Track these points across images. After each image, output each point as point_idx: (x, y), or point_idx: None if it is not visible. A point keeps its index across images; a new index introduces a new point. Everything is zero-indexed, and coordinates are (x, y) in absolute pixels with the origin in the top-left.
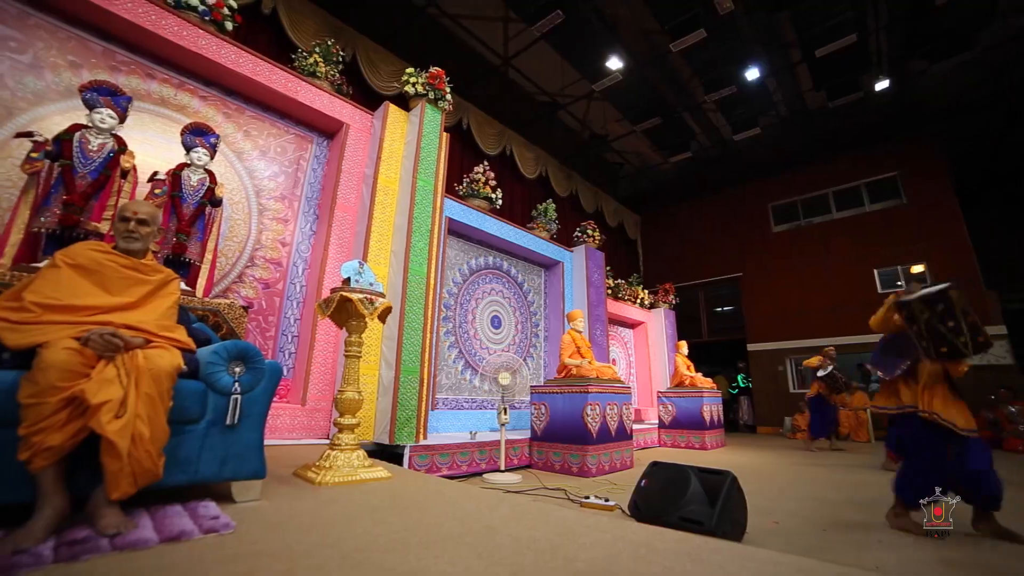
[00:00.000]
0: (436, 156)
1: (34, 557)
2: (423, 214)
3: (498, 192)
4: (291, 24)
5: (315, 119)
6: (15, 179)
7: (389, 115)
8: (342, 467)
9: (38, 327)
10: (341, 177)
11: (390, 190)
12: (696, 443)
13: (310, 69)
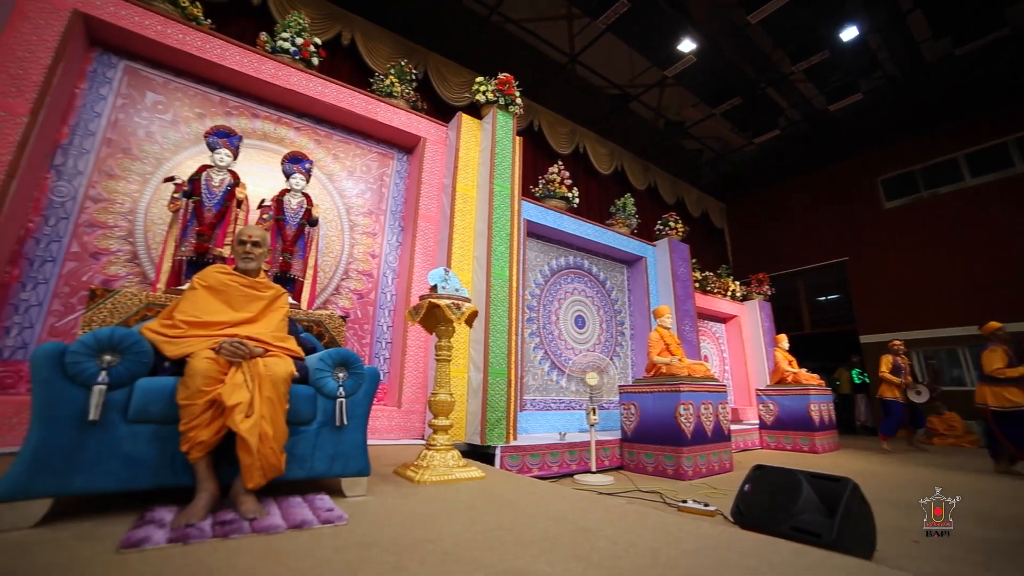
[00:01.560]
0: (510, 160)
1: (199, 531)
2: (502, 218)
3: (574, 191)
4: (367, 51)
5: (394, 136)
6: (165, 217)
7: (462, 125)
8: (438, 467)
9: (186, 340)
10: (421, 189)
11: (469, 197)
12: (804, 445)
13: (387, 90)
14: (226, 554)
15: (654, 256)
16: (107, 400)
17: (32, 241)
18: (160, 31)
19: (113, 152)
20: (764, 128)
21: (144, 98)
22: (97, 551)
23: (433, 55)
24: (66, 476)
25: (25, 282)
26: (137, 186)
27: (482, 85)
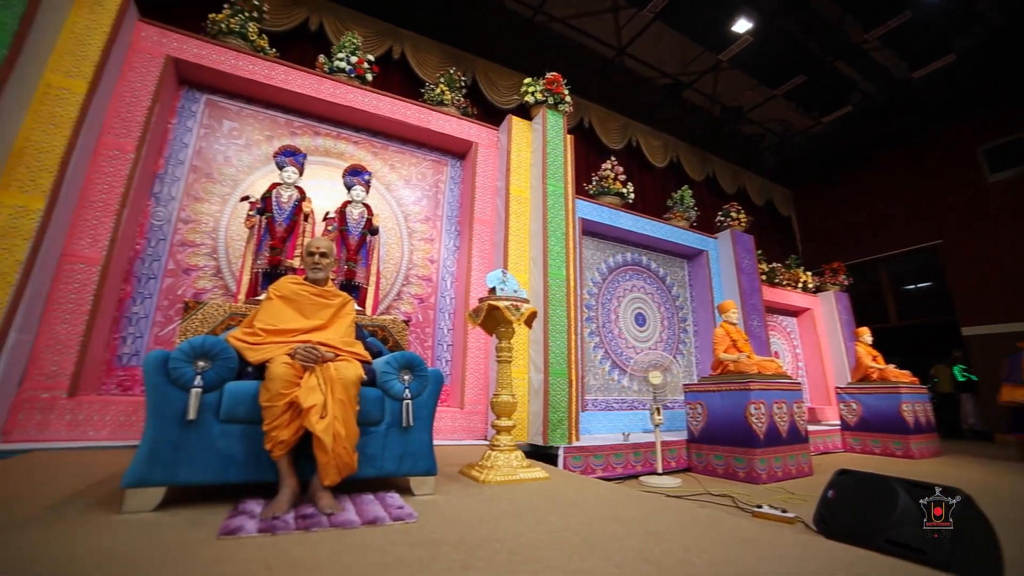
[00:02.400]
0: (562, 159)
1: (284, 523)
2: (556, 218)
3: (629, 186)
4: (417, 63)
5: (447, 143)
6: (242, 233)
7: (513, 127)
8: (502, 467)
9: (265, 347)
10: (476, 193)
11: (522, 199)
12: (896, 450)
13: (438, 99)
14: (308, 546)
15: (716, 249)
16: (202, 402)
17: (139, 261)
18: (234, 64)
19: (198, 177)
20: (833, 106)
21: (222, 126)
22: (202, 536)
23: (480, 61)
24: (174, 468)
25: (135, 297)
26: (218, 206)
27: (530, 86)
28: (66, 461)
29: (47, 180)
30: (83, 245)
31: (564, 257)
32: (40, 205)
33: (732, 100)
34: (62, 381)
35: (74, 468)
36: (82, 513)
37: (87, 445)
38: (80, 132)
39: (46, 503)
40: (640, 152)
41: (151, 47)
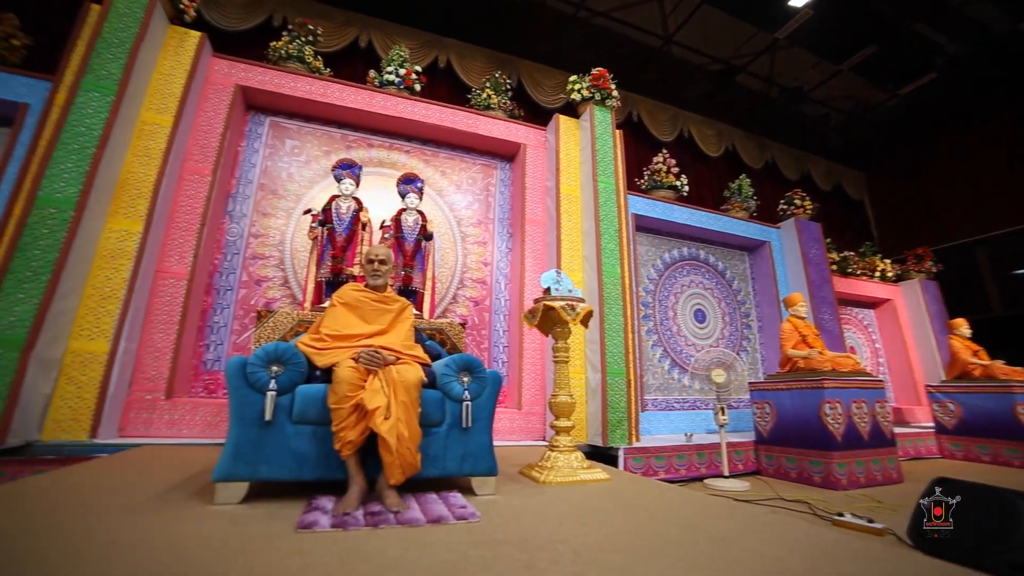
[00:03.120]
0: (612, 155)
1: (354, 519)
2: (608, 215)
3: (682, 179)
4: (463, 70)
5: (495, 146)
6: (305, 245)
7: (560, 126)
8: (562, 468)
9: (331, 351)
10: (526, 194)
11: (573, 197)
12: (1013, 458)
13: (484, 103)
14: (378, 542)
15: (779, 239)
16: (277, 404)
17: (217, 274)
18: (293, 86)
19: (265, 194)
20: (912, 75)
21: (284, 145)
22: (282, 528)
23: (524, 62)
24: (256, 465)
25: (215, 307)
26: (283, 220)
27: (576, 83)
28: (166, 455)
29: (143, 206)
30: (172, 262)
31: (618, 254)
32: (139, 228)
33: (791, 80)
34: (160, 384)
35: (173, 462)
36: (182, 502)
37: (182, 442)
38: (168, 161)
39: (154, 492)
40: (692, 143)
41: (223, 79)
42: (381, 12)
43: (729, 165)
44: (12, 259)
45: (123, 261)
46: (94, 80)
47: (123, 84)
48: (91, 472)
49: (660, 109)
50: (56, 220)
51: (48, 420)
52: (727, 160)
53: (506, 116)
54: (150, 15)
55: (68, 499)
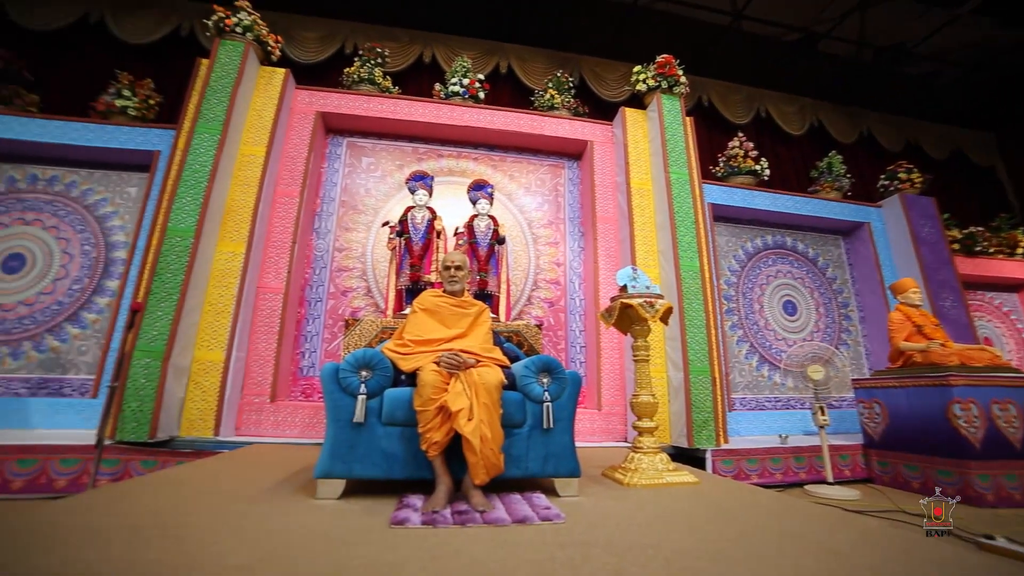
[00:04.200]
0: (684, 144)
1: (443, 517)
2: (683, 207)
3: (762, 162)
4: (524, 73)
5: (562, 146)
6: (385, 255)
7: (627, 119)
8: (647, 470)
9: (415, 356)
10: (596, 191)
11: (645, 191)
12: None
13: (548, 104)
14: (466, 540)
15: (880, 219)
16: (367, 407)
17: (308, 287)
18: (366, 107)
19: (346, 211)
20: None
21: (361, 163)
22: (378, 523)
23: (585, 58)
24: (350, 464)
25: (308, 318)
26: (363, 234)
27: (641, 73)
28: (273, 453)
29: (245, 229)
30: (270, 278)
31: (695, 247)
32: (242, 249)
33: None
34: (265, 389)
35: (279, 459)
36: (290, 496)
37: (285, 440)
38: (263, 187)
39: (265, 486)
40: (771, 123)
41: (305, 107)
42: (442, 27)
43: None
44: (153, 283)
45: (231, 279)
46: (204, 123)
47: (226, 124)
48: (218, 465)
49: (732, 90)
50: (181, 247)
51: (183, 419)
52: (812, 138)
53: (570, 114)
54: (245, 61)
55: (204, 487)
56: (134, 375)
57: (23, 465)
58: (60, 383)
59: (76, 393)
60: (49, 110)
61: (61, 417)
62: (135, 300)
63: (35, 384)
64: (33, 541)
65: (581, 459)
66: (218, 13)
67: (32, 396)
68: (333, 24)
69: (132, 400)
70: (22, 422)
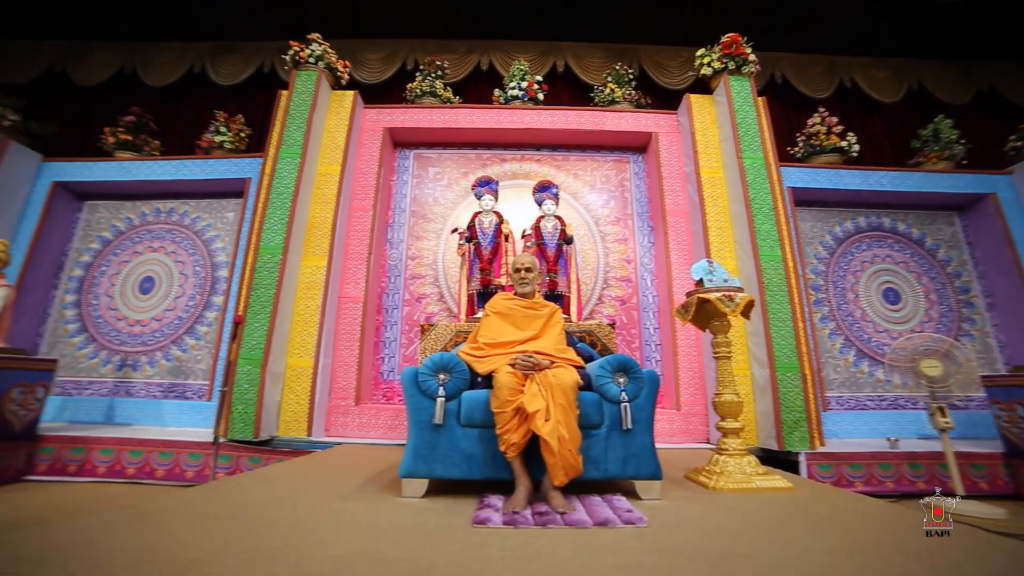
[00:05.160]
0: (757, 127)
1: (524, 518)
2: (760, 193)
3: (849, 137)
4: (581, 70)
5: (625, 140)
6: (455, 261)
7: (692, 106)
8: (734, 473)
9: (490, 359)
10: (663, 184)
11: (716, 180)
12: None
13: (608, 98)
14: (547, 541)
15: (1011, 188)
16: (446, 409)
17: (385, 295)
18: (430, 119)
19: (417, 220)
20: None
21: (428, 173)
22: (460, 522)
23: (644, 48)
24: (432, 464)
25: (386, 324)
26: (434, 241)
27: (705, 56)
28: (360, 453)
29: (325, 243)
30: (350, 288)
31: (776, 235)
32: (324, 263)
33: None
34: (350, 393)
35: (365, 458)
36: (377, 494)
37: (370, 441)
38: (339, 204)
39: (355, 483)
40: (858, 92)
41: (373, 125)
42: (496, 34)
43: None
44: (250, 296)
45: (315, 291)
46: (286, 149)
47: (304, 147)
48: (312, 464)
49: (810, 62)
50: (271, 263)
51: (280, 421)
52: (911, 103)
53: (632, 107)
54: (318, 87)
55: (303, 483)
56: (239, 381)
57: (163, 457)
58: (184, 387)
59: (196, 396)
60: (166, 152)
61: (186, 417)
62: (237, 313)
63: (166, 388)
64: (177, 523)
65: (662, 461)
66: (294, 47)
67: (164, 398)
68: (394, 43)
69: (239, 403)
70: (158, 420)
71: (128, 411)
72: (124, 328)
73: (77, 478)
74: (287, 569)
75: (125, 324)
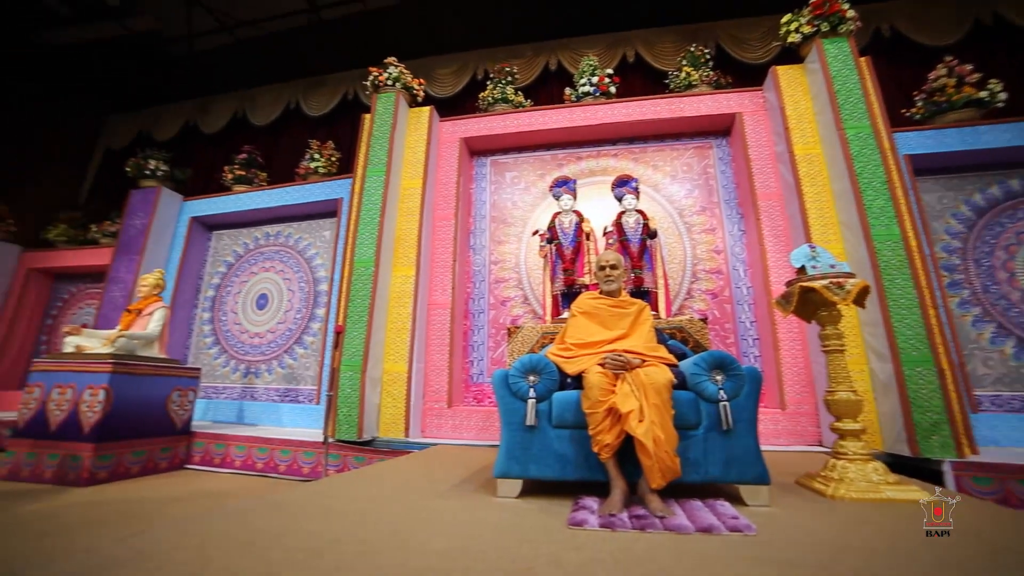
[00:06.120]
0: (860, 91)
1: (621, 521)
2: (868, 167)
3: (991, 85)
4: (653, 56)
5: (706, 124)
6: (538, 263)
7: (780, 79)
8: (856, 480)
9: (579, 359)
10: (752, 167)
11: (813, 157)
12: None
13: (684, 83)
14: (647, 546)
15: None
16: (537, 410)
17: (471, 300)
18: (503, 125)
19: (497, 225)
20: None
21: (505, 178)
22: (555, 523)
23: (719, 24)
24: (525, 465)
25: (473, 328)
26: (515, 245)
27: (791, 22)
28: (454, 453)
29: (413, 253)
30: (438, 295)
31: (892, 211)
32: (412, 272)
33: None
34: (443, 396)
35: (459, 459)
36: (473, 493)
37: (463, 442)
38: (423, 215)
39: (452, 482)
40: (1000, 28)
41: (450, 137)
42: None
43: None
44: (348, 307)
45: (406, 299)
46: (372, 168)
47: (388, 164)
48: (410, 463)
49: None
50: (365, 275)
51: (380, 423)
52: None
53: (711, 88)
54: (397, 107)
55: (404, 481)
56: (342, 386)
57: (283, 454)
58: (296, 392)
59: (306, 400)
60: (272, 182)
61: (299, 418)
62: (337, 323)
63: (282, 393)
64: (300, 513)
65: (768, 464)
66: (373, 73)
67: (281, 402)
68: (463, 57)
69: (343, 406)
70: (277, 421)
71: (254, 413)
72: (247, 340)
73: (221, 469)
74: (396, 561)
75: (247, 336)
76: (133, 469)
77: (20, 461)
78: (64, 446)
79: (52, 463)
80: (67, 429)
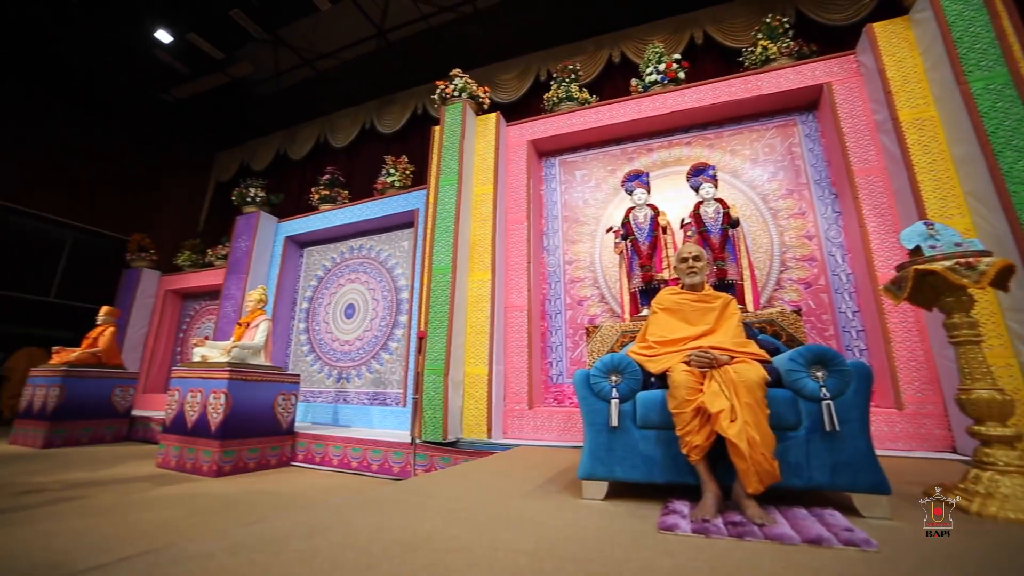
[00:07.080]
0: (992, 33)
1: (715, 527)
2: (1006, 123)
3: None
4: (723, 34)
5: (787, 100)
6: (613, 260)
7: (878, 37)
8: (1012, 496)
9: (662, 357)
10: (845, 140)
11: (923, 122)
12: None
13: (761, 58)
14: (746, 555)
15: None
16: (621, 410)
17: (547, 301)
18: (570, 124)
19: (569, 225)
20: None
21: (575, 177)
22: (645, 527)
23: None
24: (610, 466)
25: (551, 329)
26: (589, 243)
27: None
28: (536, 454)
29: (488, 258)
30: (514, 297)
31: None
32: (488, 276)
33: None
34: (523, 397)
35: (542, 460)
36: (557, 494)
37: (544, 443)
38: (496, 219)
39: (536, 483)
40: None
41: (517, 140)
42: (622, 22)
43: None
44: (429, 313)
45: (483, 303)
46: (445, 178)
47: (459, 172)
48: (494, 464)
49: None
50: (443, 281)
51: (464, 424)
52: None
53: (793, 60)
54: (465, 117)
55: (487, 481)
56: (427, 389)
57: (375, 454)
58: (384, 396)
59: (393, 403)
60: (353, 198)
61: (387, 420)
62: (419, 329)
63: (371, 396)
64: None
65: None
66: (439, 86)
67: (371, 405)
68: (525, 60)
69: (428, 409)
70: (368, 423)
71: (347, 415)
72: (338, 347)
73: (320, 466)
74: (485, 560)
75: (338, 344)
76: (249, 464)
77: (169, 453)
78: (199, 442)
79: (191, 456)
80: (199, 428)
